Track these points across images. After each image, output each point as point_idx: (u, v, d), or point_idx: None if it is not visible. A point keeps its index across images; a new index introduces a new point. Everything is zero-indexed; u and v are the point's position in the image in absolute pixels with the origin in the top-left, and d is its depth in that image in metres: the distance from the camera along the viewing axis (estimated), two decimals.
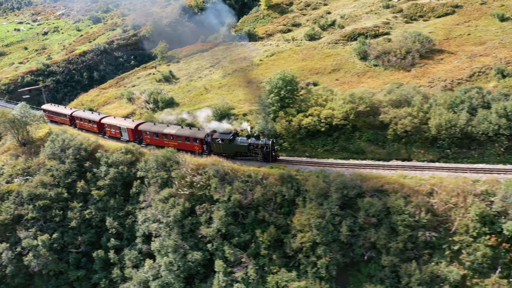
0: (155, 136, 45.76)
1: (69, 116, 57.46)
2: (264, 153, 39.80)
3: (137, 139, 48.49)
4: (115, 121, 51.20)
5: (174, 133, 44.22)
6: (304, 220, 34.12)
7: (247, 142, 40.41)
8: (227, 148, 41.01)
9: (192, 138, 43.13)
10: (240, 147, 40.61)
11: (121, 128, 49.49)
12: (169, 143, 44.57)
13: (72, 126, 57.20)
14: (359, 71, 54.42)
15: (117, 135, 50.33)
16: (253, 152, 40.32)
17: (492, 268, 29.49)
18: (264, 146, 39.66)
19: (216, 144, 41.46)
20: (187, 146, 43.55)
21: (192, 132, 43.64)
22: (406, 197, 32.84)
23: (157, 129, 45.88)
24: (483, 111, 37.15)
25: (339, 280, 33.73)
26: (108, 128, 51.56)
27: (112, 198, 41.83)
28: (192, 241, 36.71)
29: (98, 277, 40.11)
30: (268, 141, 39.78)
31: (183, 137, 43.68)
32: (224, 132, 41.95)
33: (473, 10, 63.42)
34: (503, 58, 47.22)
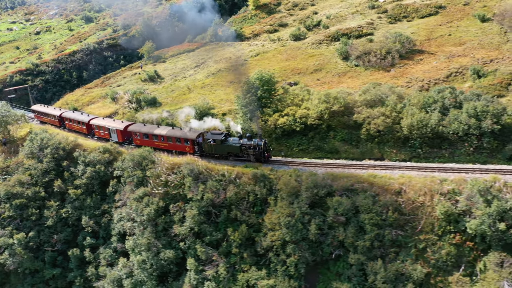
0: (145, 137, 45.14)
1: (58, 117, 56.75)
2: (256, 153, 39.38)
3: (126, 140, 47.92)
4: (104, 122, 50.49)
5: (164, 134, 43.54)
6: (274, 219, 34.42)
7: (239, 142, 39.98)
8: (219, 148, 40.63)
9: (183, 139, 42.53)
10: (232, 148, 40.23)
11: (110, 129, 48.81)
12: (160, 144, 44.01)
13: (62, 127, 56.53)
14: (340, 71, 54.74)
15: (106, 136, 49.56)
16: (246, 153, 39.93)
17: (456, 266, 29.87)
18: (256, 147, 39.18)
19: (208, 145, 41.04)
20: (178, 147, 43.04)
21: (183, 133, 43.01)
22: (375, 196, 33.17)
23: (147, 130, 45.16)
24: (454, 111, 37.50)
25: (309, 278, 34.06)
26: (97, 130, 50.89)
27: (89, 197, 42.08)
28: (165, 240, 36.98)
29: (73, 276, 40.39)
30: (261, 141, 39.26)
31: (174, 138, 43.06)
32: (216, 132, 41.40)
33: (456, 10, 63.84)
34: (481, 58, 47.64)
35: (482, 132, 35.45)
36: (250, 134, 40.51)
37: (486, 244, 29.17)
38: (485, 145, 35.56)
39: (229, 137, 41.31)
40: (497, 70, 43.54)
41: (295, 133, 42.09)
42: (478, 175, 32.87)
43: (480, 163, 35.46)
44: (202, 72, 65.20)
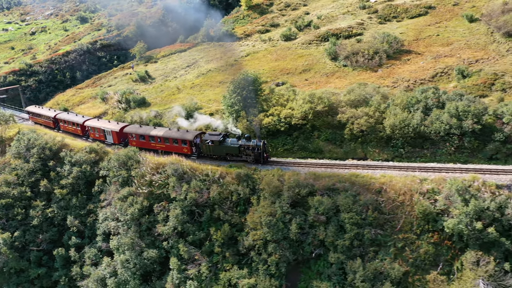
0: (142, 138, 44.47)
1: (53, 118, 55.88)
2: (255, 154, 38.86)
3: (122, 142, 47.24)
4: (99, 123, 49.74)
5: (161, 135, 42.87)
6: (256, 218, 34.61)
7: (238, 143, 39.46)
8: (217, 149, 40.13)
9: (181, 140, 41.83)
10: (230, 149, 39.70)
11: (105, 130, 48.05)
12: (156, 145, 43.43)
13: (56, 129, 55.83)
14: (328, 71, 54.98)
15: (101, 138, 48.73)
16: (244, 154, 39.47)
17: (433, 265, 30.06)
18: (255, 148, 38.67)
19: (205, 145, 40.50)
20: (175, 148, 42.37)
21: (180, 134, 42.30)
22: (356, 195, 33.34)
23: (144, 131, 44.42)
24: (436, 111, 37.72)
25: (290, 277, 34.25)
26: (91, 131, 50.15)
27: (75, 197, 42.28)
28: (149, 239, 37.17)
29: (58, 275, 40.58)
30: (260, 142, 38.69)
31: (171, 139, 42.37)
32: (214, 133, 40.88)
33: (445, 11, 64.07)
34: (467, 58, 47.89)
35: (463, 131, 35.65)
36: (248, 134, 39.93)
37: (464, 243, 29.39)
38: (466, 144, 35.77)
39: (227, 137, 40.75)
40: (482, 70, 43.79)
41: (280, 133, 42.28)
42: (458, 175, 33.11)
43: (461, 162, 35.68)
44: (192, 72, 65.42)
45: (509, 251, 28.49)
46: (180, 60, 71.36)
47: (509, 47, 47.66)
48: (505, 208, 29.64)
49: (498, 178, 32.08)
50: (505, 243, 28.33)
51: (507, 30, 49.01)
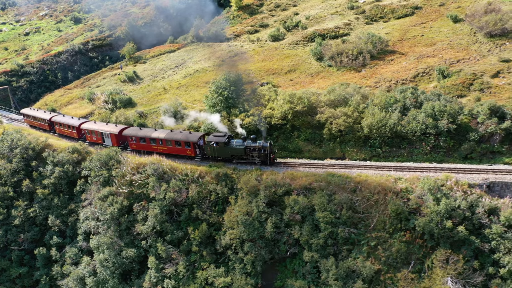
0: (142, 141, 43.25)
1: (48, 121, 54.48)
2: (262, 156, 38.06)
3: (121, 144, 45.83)
4: (96, 126, 48.15)
5: (163, 137, 41.54)
6: (233, 217, 34.89)
7: (243, 145, 38.32)
8: (222, 151, 39.07)
9: (184, 142, 40.69)
10: (236, 150, 38.59)
11: (103, 133, 46.62)
12: (158, 148, 42.29)
13: (51, 132, 54.58)
14: (313, 72, 55.31)
15: (99, 141, 47.39)
16: (250, 155, 38.53)
17: (405, 263, 30.36)
18: (261, 149, 37.76)
19: (210, 147, 39.33)
20: (178, 150, 41.33)
21: (183, 135, 41.09)
22: (331, 194, 33.62)
23: (144, 134, 43.09)
24: (413, 111, 38.04)
25: (267, 276, 34.54)
26: (88, 134, 48.54)
27: (56, 197, 42.52)
28: (128, 238, 37.42)
29: (39, 274, 40.82)
30: (266, 143, 37.83)
31: (173, 141, 41.11)
32: (218, 134, 39.77)
33: (432, 11, 64.46)
34: (448, 59, 48.26)
35: (439, 131, 35.99)
36: (254, 135, 39.12)
37: (435, 242, 29.69)
38: (442, 144, 36.11)
39: (232, 139, 39.69)
40: (461, 71, 44.13)
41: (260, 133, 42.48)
42: (433, 174, 33.46)
43: (437, 162, 36.04)
44: (180, 72, 65.67)
45: (479, 249, 28.79)
46: (169, 60, 71.64)
47: (490, 47, 48.04)
48: (476, 207, 30.01)
49: (471, 177, 32.44)
50: (475, 241, 28.66)
51: (488, 31, 49.39)
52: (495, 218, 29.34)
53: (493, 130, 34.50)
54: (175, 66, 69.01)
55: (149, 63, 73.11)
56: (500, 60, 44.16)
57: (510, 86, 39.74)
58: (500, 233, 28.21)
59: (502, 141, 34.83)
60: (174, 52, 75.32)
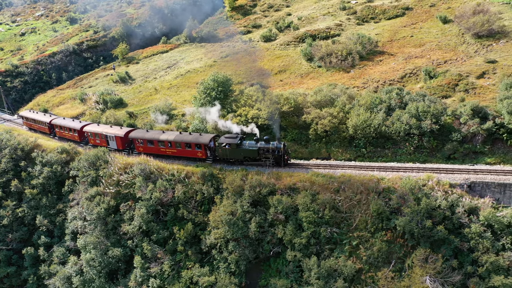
0: (150, 143, 42.13)
1: (48, 124, 53.05)
2: (276, 157, 37.24)
3: (127, 147, 44.72)
4: (99, 128, 46.74)
5: (172, 139, 40.62)
6: (218, 217, 35.17)
7: (257, 146, 37.49)
8: (234, 153, 38.21)
9: (195, 144, 39.73)
10: (249, 152, 37.72)
11: (108, 136, 45.18)
12: (167, 150, 41.33)
13: (52, 135, 53.20)
14: (303, 72, 55.62)
15: (103, 144, 45.81)
16: (264, 157, 37.74)
17: (386, 262, 30.66)
18: (275, 150, 36.99)
19: (222, 149, 38.48)
20: (188, 153, 40.43)
21: (194, 137, 40.20)
22: (315, 194, 33.91)
23: (152, 136, 42.02)
24: (398, 111, 38.34)
25: (251, 275, 34.85)
26: (91, 137, 47.07)
27: (45, 197, 42.79)
28: (114, 238, 37.72)
29: (27, 274, 41.10)
30: (280, 144, 37.01)
31: (183, 143, 40.27)
32: (230, 136, 38.89)
33: (422, 12, 64.82)
34: (436, 59, 48.57)
35: (422, 131, 36.28)
36: (267, 136, 38.26)
37: (415, 241, 29.98)
38: (425, 144, 36.40)
39: (244, 140, 38.92)
40: (448, 71, 44.44)
41: (247, 134, 42.75)
42: (415, 174, 33.77)
43: (420, 162, 36.32)
44: (172, 73, 65.95)
45: (458, 248, 29.13)
46: (161, 61, 71.93)
47: (477, 48, 48.37)
48: (456, 207, 30.34)
49: (452, 177, 32.77)
50: (455, 240, 28.99)
51: (476, 31, 49.70)
52: (474, 217, 29.70)
53: (475, 131, 34.81)
54: (167, 66, 69.29)
55: (141, 63, 73.40)
56: (486, 61, 44.47)
57: (494, 87, 40.05)
58: (479, 232, 28.54)
59: (484, 142, 35.13)
60: (167, 52, 75.62)
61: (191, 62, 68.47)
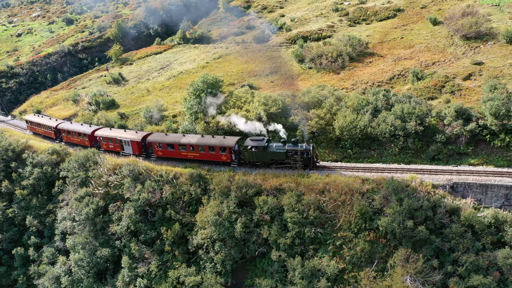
0: (170, 147, 41.03)
1: (54, 128, 51.59)
2: (304, 159, 36.36)
3: (143, 152, 43.61)
4: (113, 133, 45.42)
5: (195, 142, 39.55)
6: (204, 218, 35.55)
7: (284, 148, 36.56)
8: (261, 156, 37.24)
9: (219, 147, 38.65)
10: (276, 155, 36.81)
11: (123, 141, 43.88)
12: (188, 154, 40.27)
13: (58, 140, 51.63)
14: (294, 74, 55.99)
15: (117, 149, 44.53)
16: (292, 159, 36.79)
17: (369, 262, 31.06)
18: (304, 152, 36.11)
19: (248, 152, 37.57)
20: (212, 156, 39.36)
21: (218, 140, 39.12)
22: (300, 195, 34.27)
23: (172, 140, 40.97)
24: (384, 113, 38.74)
25: (238, 275, 35.22)
26: (104, 142, 45.62)
27: (35, 197, 43.13)
28: (103, 238, 38.06)
29: (17, 274, 41.45)
30: (309, 146, 36.18)
31: (206, 146, 39.09)
32: (257, 138, 37.77)
33: (413, 14, 65.26)
34: (424, 61, 48.99)
35: (407, 133, 36.68)
36: (295, 138, 37.40)
37: (398, 241, 30.37)
38: (410, 145, 36.80)
39: (271, 142, 38.06)
40: (435, 73, 44.86)
41: (236, 134, 43.07)
42: (399, 175, 34.16)
43: (405, 163, 36.74)
44: (165, 74, 66.33)
45: (440, 248, 29.52)
46: (155, 62, 72.30)
47: (465, 50, 48.79)
48: (438, 207, 30.73)
49: (435, 178, 33.19)
50: (436, 240, 29.38)
51: (464, 33, 50.14)
52: (456, 218, 30.10)
53: (459, 132, 35.22)
54: (161, 67, 69.68)
55: (135, 64, 73.77)
56: (473, 62, 44.89)
57: (480, 89, 40.46)
58: (460, 232, 28.93)
59: (467, 143, 35.55)
60: (160, 53, 75.99)
61: (184, 63, 68.85)
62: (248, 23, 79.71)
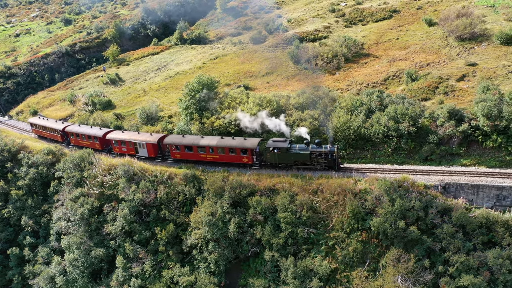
0: (188, 150, 40.13)
1: (61, 131, 50.11)
2: (329, 161, 35.64)
3: (160, 155, 42.97)
4: (126, 135, 44.19)
5: (214, 144, 38.63)
6: (198, 218, 35.72)
7: (308, 149, 35.93)
8: (284, 157, 36.53)
9: (240, 149, 37.89)
10: (299, 156, 36.10)
11: (138, 143, 42.77)
12: (207, 156, 39.39)
13: (65, 143, 50.29)
14: (290, 74, 56.18)
15: (131, 151, 43.44)
16: (316, 161, 36.13)
17: (361, 262, 31.25)
18: (329, 154, 35.38)
19: (270, 154, 36.90)
20: (232, 158, 38.59)
21: (239, 142, 38.27)
22: (294, 195, 34.45)
23: (191, 142, 39.97)
24: (377, 113, 38.93)
25: (232, 274, 35.40)
26: (116, 145, 44.44)
27: (30, 198, 43.28)
28: (97, 238, 38.22)
29: (12, 274, 41.59)
30: (333, 147, 35.43)
31: (227, 148, 38.31)
32: (279, 139, 37.13)
33: (409, 15, 65.50)
34: (419, 62, 49.21)
35: (400, 133, 36.85)
36: (319, 140, 36.63)
37: (390, 241, 30.57)
38: (403, 146, 36.98)
39: (293, 143, 37.42)
40: (429, 74, 45.07)
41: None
42: (392, 175, 34.34)
43: (398, 163, 36.92)
44: (161, 75, 66.49)
45: (431, 248, 29.73)
46: (152, 63, 72.46)
47: (459, 51, 49.02)
48: (429, 208, 30.93)
49: (428, 178, 33.40)
50: (427, 241, 29.58)
51: (459, 34, 50.37)
52: (447, 218, 30.31)
53: (451, 133, 35.42)
54: (157, 68, 69.84)
55: (132, 65, 73.92)
56: (467, 63, 45.12)
57: (473, 90, 40.67)
58: (451, 233, 29.13)
59: (460, 143, 35.75)
60: (157, 54, 76.15)
61: (181, 64, 69.02)
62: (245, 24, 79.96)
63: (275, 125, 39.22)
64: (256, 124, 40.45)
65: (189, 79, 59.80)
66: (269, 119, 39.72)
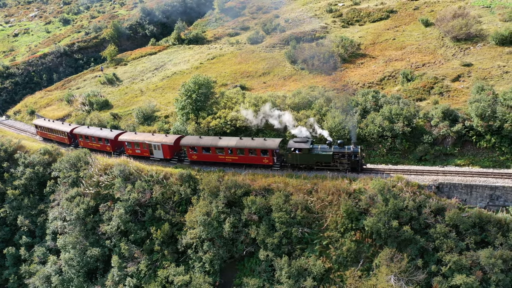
0: (205, 151, 39.48)
1: (69, 133, 48.80)
2: (352, 162, 34.97)
3: (175, 156, 42.21)
4: (140, 137, 43.30)
5: (234, 145, 37.96)
6: (193, 217, 35.85)
7: (331, 150, 35.36)
8: (305, 158, 35.98)
9: (260, 150, 37.25)
10: (322, 157, 35.52)
11: (152, 145, 41.99)
12: (226, 158, 38.68)
13: (73, 145, 48.91)
14: (286, 75, 56.32)
15: (144, 153, 42.61)
16: (338, 162, 35.48)
17: (355, 262, 31.39)
18: (352, 155, 34.74)
19: (291, 154, 36.35)
20: (252, 159, 37.96)
21: (259, 142, 37.62)
22: (288, 195, 34.57)
23: (208, 143, 39.22)
24: (372, 113, 39.08)
25: (227, 274, 35.50)
26: (129, 147, 43.37)
27: (27, 197, 43.39)
28: (93, 238, 38.33)
29: (8, 273, 41.70)
30: (356, 148, 34.76)
31: (246, 149, 37.69)
32: (300, 140, 36.48)
33: (406, 15, 65.63)
34: (415, 62, 49.35)
35: (395, 134, 37.01)
36: (342, 140, 35.99)
37: (383, 241, 30.71)
38: (398, 146, 37.14)
39: (315, 144, 37.02)
40: (424, 74, 45.22)
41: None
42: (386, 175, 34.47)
43: (393, 163, 37.06)
44: (159, 75, 66.59)
45: (424, 248, 29.87)
46: (149, 63, 72.55)
47: (455, 52, 49.17)
48: (423, 207, 31.07)
49: (422, 178, 33.55)
50: (420, 240, 29.72)
51: (454, 35, 50.50)
52: (440, 218, 30.44)
53: (445, 133, 35.57)
54: (155, 68, 69.93)
55: (129, 65, 74.01)
56: (462, 64, 45.27)
57: (468, 90, 40.82)
58: (444, 232, 29.27)
59: (454, 144, 35.91)
60: (155, 54, 76.24)
61: (178, 64, 69.12)
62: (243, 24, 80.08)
63: (300, 131, 38.36)
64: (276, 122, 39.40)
65: (186, 79, 60.06)
66: (294, 129, 38.67)
